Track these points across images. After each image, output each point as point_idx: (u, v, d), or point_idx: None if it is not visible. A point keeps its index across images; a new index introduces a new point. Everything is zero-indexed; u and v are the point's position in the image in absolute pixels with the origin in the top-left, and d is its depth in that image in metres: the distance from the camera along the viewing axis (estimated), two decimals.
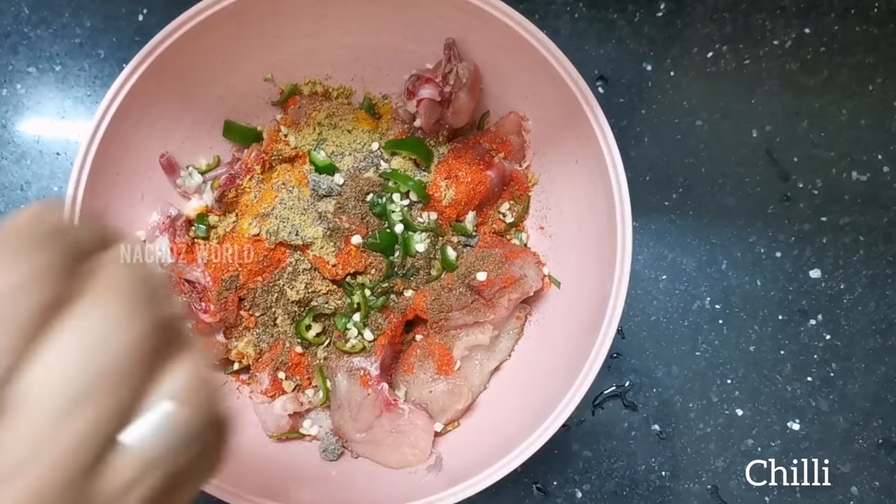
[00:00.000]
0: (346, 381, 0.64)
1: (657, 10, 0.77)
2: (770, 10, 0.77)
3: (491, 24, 0.60)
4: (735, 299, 0.74)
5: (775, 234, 0.75)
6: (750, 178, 0.76)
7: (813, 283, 0.75)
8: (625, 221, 0.58)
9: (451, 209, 0.66)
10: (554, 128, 0.65)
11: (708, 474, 0.72)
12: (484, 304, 0.65)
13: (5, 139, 0.75)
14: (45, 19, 0.76)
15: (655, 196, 0.75)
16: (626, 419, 0.73)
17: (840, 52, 0.77)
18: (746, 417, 0.72)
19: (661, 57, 0.77)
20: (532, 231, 0.70)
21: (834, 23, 0.77)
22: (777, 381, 0.73)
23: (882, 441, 0.72)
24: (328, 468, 0.65)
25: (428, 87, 0.65)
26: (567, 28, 0.77)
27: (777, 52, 0.77)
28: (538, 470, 0.71)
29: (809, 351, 0.74)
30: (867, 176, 0.76)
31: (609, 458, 0.72)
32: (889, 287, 0.74)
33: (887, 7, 0.77)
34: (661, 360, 0.73)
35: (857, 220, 0.75)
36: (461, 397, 0.65)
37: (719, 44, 0.77)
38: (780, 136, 0.76)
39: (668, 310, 0.74)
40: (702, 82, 0.77)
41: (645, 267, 0.74)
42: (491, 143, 0.68)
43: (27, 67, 0.75)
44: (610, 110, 0.61)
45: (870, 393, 0.73)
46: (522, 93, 0.66)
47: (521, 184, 0.70)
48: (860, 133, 0.76)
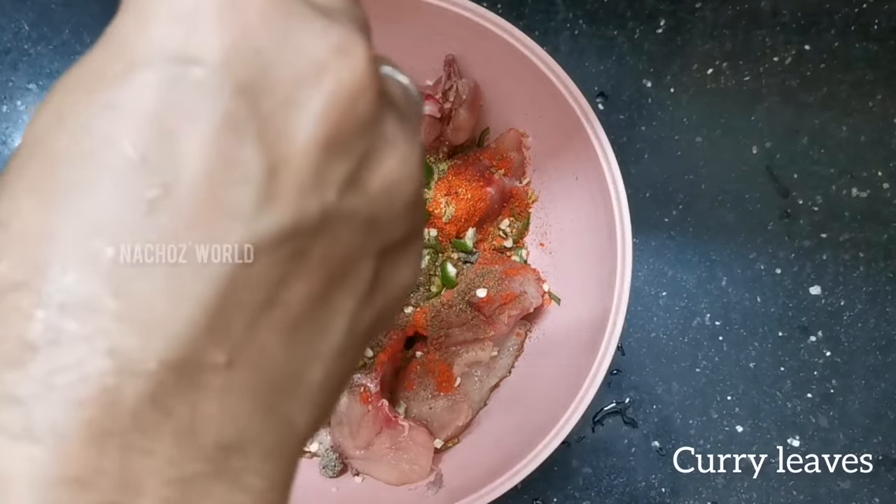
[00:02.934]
0: (345, 397, 0.64)
1: (657, 26, 0.77)
2: (770, 26, 0.77)
3: (491, 40, 0.60)
4: (735, 316, 0.74)
5: (775, 250, 0.75)
6: (750, 194, 0.76)
7: (813, 299, 0.74)
8: (625, 238, 0.58)
9: (451, 226, 0.66)
10: (554, 144, 0.65)
11: (708, 491, 0.71)
12: (484, 321, 0.65)
13: (6, 156, 0.75)
14: (46, 36, 0.76)
15: (655, 213, 0.75)
16: (626, 436, 0.72)
17: (840, 69, 0.77)
18: (746, 434, 0.72)
19: (661, 74, 0.77)
20: (532, 248, 0.70)
21: (834, 39, 0.77)
22: (777, 398, 0.73)
23: (882, 458, 0.72)
24: (328, 485, 0.64)
25: (428, 104, 0.65)
26: (567, 45, 0.77)
27: (777, 68, 0.77)
28: (538, 486, 0.71)
29: (809, 367, 0.73)
30: (867, 192, 0.76)
31: (609, 475, 0.72)
32: (889, 304, 0.74)
33: (887, 24, 0.77)
34: (661, 377, 0.73)
35: (857, 236, 0.75)
36: (461, 414, 0.65)
37: (719, 60, 0.77)
38: (780, 153, 0.76)
39: (668, 326, 0.74)
40: (702, 99, 0.77)
41: (645, 283, 0.74)
42: (491, 160, 0.68)
43: (27, 84, 0.75)
44: (610, 127, 0.61)
45: (870, 409, 0.73)
46: (522, 109, 0.67)
47: (521, 200, 0.70)
48: (860, 150, 0.76)
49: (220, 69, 0.18)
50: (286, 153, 0.19)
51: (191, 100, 0.18)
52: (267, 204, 0.18)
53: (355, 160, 0.20)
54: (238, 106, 0.18)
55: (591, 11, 0.77)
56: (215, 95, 0.18)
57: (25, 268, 0.17)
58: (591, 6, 0.77)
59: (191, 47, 0.18)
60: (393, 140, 0.22)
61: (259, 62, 0.19)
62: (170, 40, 0.18)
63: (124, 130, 0.18)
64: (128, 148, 0.18)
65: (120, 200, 0.17)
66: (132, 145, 0.18)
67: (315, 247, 0.20)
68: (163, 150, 0.18)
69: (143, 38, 0.19)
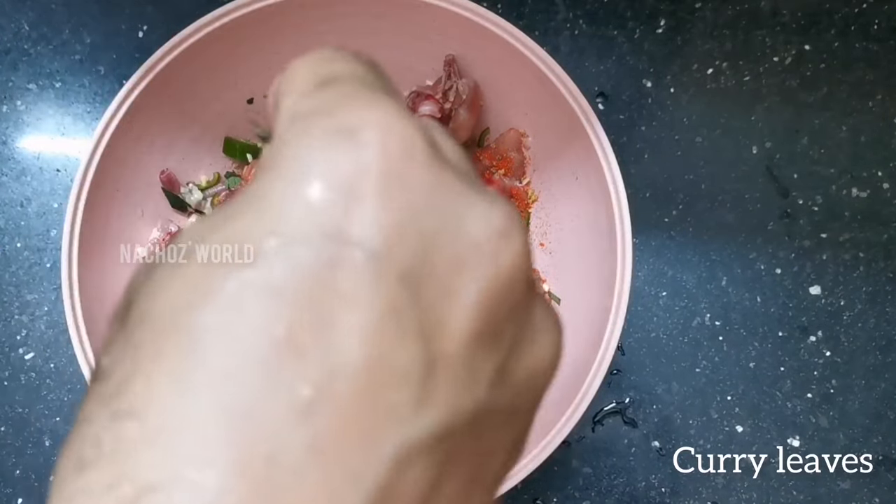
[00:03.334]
0: None
1: (657, 26, 0.77)
2: (770, 26, 0.77)
3: (491, 40, 0.60)
4: (735, 316, 0.74)
5: (775, 250, 0.75)
6: (750, 194, 0.76)
7: (813, 299, 0.74)
8: (625, 238, 0.58)
9: None
10: (554, 144, 0.65)
11: (708, 491, 0.71)
12: None
13: (5, 156, 0.75)
14: (45, 36, 0.76)
15: (655, 212, 0.75)
16: (626, 436, 0.72)
17: (840, 69, 0.77)
18: (746, 434, 0.72)
19: (661, 73, 0.77)
20: (532, 248, 0.70)
21: (834, 39, 0.77)
22: (777, 398, 0.73)
23: (882, 458, 0.72)
24: None
25: (428, 104, 0.65)
26: (567, 45, 0.77)
27: (777, 68, 0.77)
28: (538, 486, 0.71)
29: (809, 367, 0.73)
30: (867, 192, 0.76)
31: (609, 475, 0.72)
32: (889, 304, 0.74)
33: (887, 24, 0.77)
34: (661, 377, 0.73)
35: (857, 236, 0.75)
36: None
37: (719, 60, 0.77)
38: (780, 153, 0.76)
39: (668, 326, 0.74)
40: (702, 99, 0.77)
41: (645, 283, 0.74)
42: (491, 160, 0.68)
43: (27, 84, 0.75)
44: (610, 127, 0.61)
45: (870, 409, 0.73)
46: (522, 109, 0.67)
47: (521, 200, 0.70)
48: (860, 150, 0.76)
49: (384, 252, 0.17)
50: (443, 346, 0.17)
51: (351, 285, 0.16)
52: (425, 404, 0.17)
53: (505, 351, 0.19)
54: (401, 295, 0.17)
55: (591, 11, 0.77)
56: (378, 282, 0.16)
57: (166, 469, 0.15)
58: (591, 6, 0.77)
59: (352, 225, 0.17)
60: (541, 325, 0.21)
61: (422, 246, 0.17)
62: (326, 214, 0.17)
63: (279, 317, 0.16)
64: (283, 338, 0.16)
65: (274, 398, 0.16)
66: (288, 335, 0.16)
67: (463, 445, 0.18)
68: (319, 341, 0.16)
69: (297, 207, 0.17)
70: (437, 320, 0.17)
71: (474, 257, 0.18)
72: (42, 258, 0.74)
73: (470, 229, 0.18)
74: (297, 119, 0.19)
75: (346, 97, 0.19)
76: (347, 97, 0.19)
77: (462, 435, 0.18)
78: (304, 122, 0.19)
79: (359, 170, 0.17)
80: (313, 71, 0.21)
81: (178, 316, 0.17)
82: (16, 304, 0.73)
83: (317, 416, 0.16)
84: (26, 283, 0.74)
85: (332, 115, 0.18)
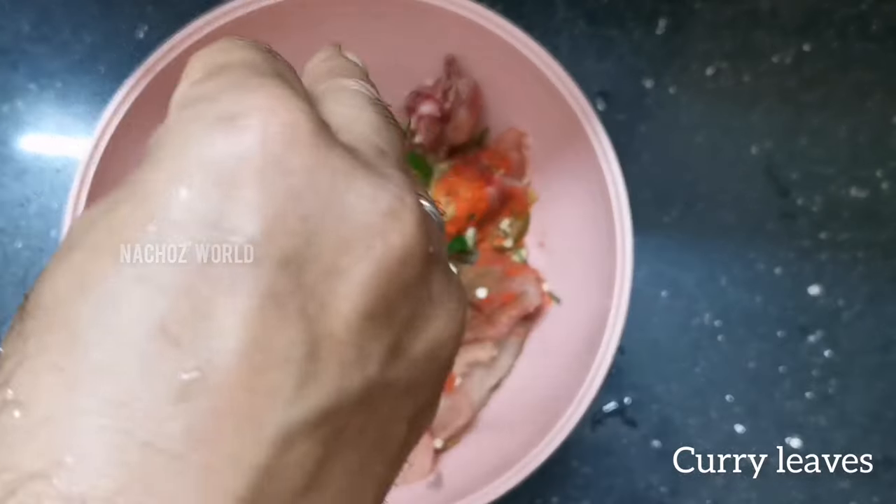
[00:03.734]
0: None
1: (656, 26, 0.77)
2: (769, 26, 0.77)
3: (491, 40, 0.60)
4: (734, 316, 0.74)
5: (774, 250, 0.75)
6: (749, 194, 0.76)
7: (812, 299, 0.75)
8: (625, 238, 0.58)
9: (451, 226, 0.66)
10: (554, 144, 0.65)
11: (708, 491, 0.71)
12: (484, 321, 0.65)
13: (5, 155, 0.75)
14: (46, 36, 0.76)
15: (655, 213, 0.75)
16: (625, 436, 0.72)
17: (839, 69, 0.77)
18: (746, 434, 0.72)
19: (661, 73, 0.77)
20: (532, 247, 0.70)
21: (833, 39, 0.77)
22: (776, 398, 0.73)
23: (882, 458, 0.72)
24: None
25: (428, 104, 0.65)
26: (567, 45, 0.77)
27: (776, 68, 0.77)
28: (537, 486, 0.71)
29: (808, 367, 0.74)
30: (866, 192, 0.76)
31: (608, 475, 0.72)
32: (888, 303, 0.74)
33: (887, 24, 0.77)
34: (660, 377, 0.73)
35: (856, 236, 0.75)
36: (461, 414, 0.65)
37: (719, 60, 0.77)
38: (779, 153, 0.76)
39: (667, 326, 0.74)
40: (701, 99, 0.77)
41: (644, 283, 0.74)
42: (491, 160, 0.68)
43: (27, 84, 0.75)
44: (610, 127, 0.61)
45: (870, 409, 0.73)
46: (522, 109, 0.67)
47: (520, 200, 0.70)
48: (859, 149, 0.76)
49: (263, 239, 0.17)
50: (328, 327, 0.17)
51: (229, 273, 0.17)
52: (307, 385, 0.17)
53: (399, 328, 0.19)
54: (281, 280, 0.17)
55: (590, 11, 0.77)
56: (256, 269, 0.17)
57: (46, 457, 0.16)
58: (591, 6, 0.77)
59: (230, 213, 0.17)
60: (439, 299, 0.21)
61: (304, 230, 0.17)
62: (205, 203, 0.17)
63: (156, 307, 0.16)
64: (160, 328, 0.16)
65: (151, 387, 0.16)
66: (165, 325, 0.16)
67: (354, 421, 0.18)
68: (197, 330, 0.16)
69: (175, 196, 0.17)
70: (322, 303, 0.17)
71: (361, 238, 0.18)
72: (42, 258, 0.74)
73: (356, 210, 0.18)
74: (183, 107, 0.19)
75: (232, 85, 0.19)
76: (233, 85, 0.19)
77: (353, 412, 0.18)
78: (189, 109, 0.19)
79: (239, 156, 0.17)
80: (205, 61, 0.21)
81: (61, 308, 0.17)
82: (16, 304, 0.73)
83: (194, 403, 0.16)
84: (26, 283, 0.73)
85: (216, 101, 0.19)
